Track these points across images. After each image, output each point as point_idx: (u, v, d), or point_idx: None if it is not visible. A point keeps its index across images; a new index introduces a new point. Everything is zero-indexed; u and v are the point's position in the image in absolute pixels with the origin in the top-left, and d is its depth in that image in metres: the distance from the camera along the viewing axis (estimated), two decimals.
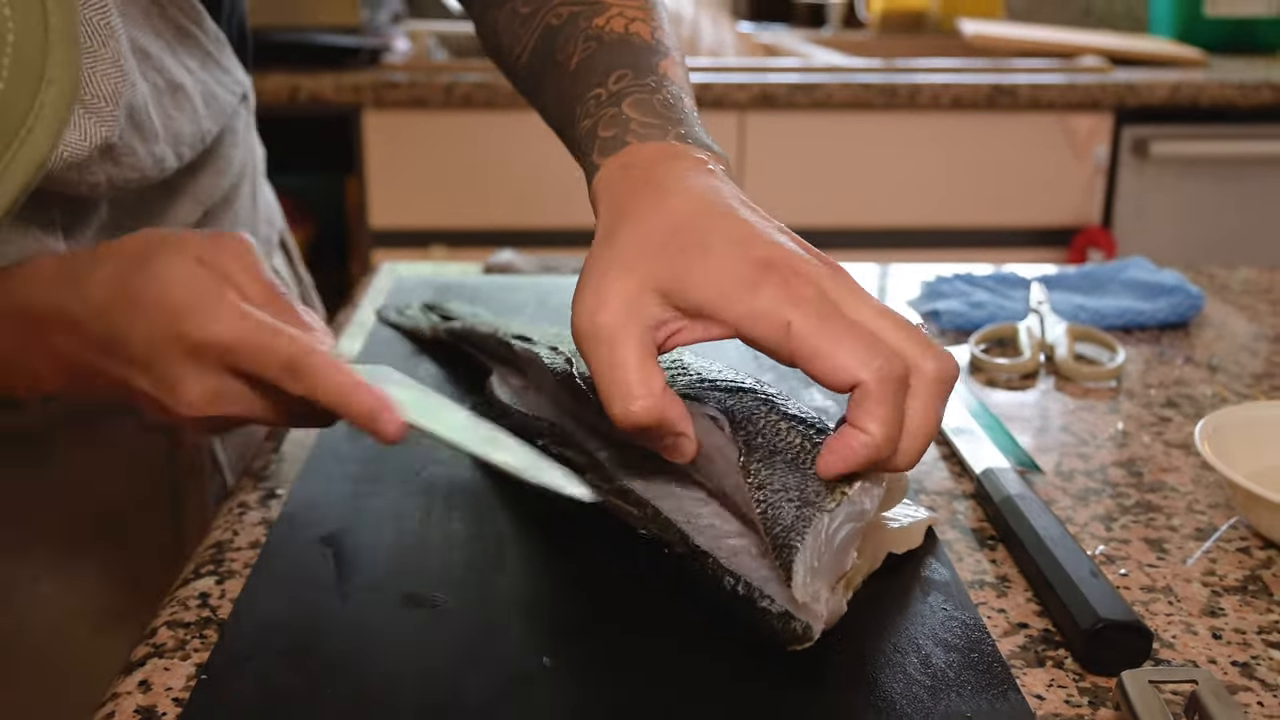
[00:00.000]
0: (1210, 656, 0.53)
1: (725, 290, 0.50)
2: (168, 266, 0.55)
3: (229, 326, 0.54)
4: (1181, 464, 0.71)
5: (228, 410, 0.56)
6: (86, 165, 0.63)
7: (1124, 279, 1.01)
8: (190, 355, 0.54)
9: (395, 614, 0.53)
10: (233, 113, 0.79)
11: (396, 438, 0.53)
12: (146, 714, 0.48)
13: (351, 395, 0.53)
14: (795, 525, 0.48)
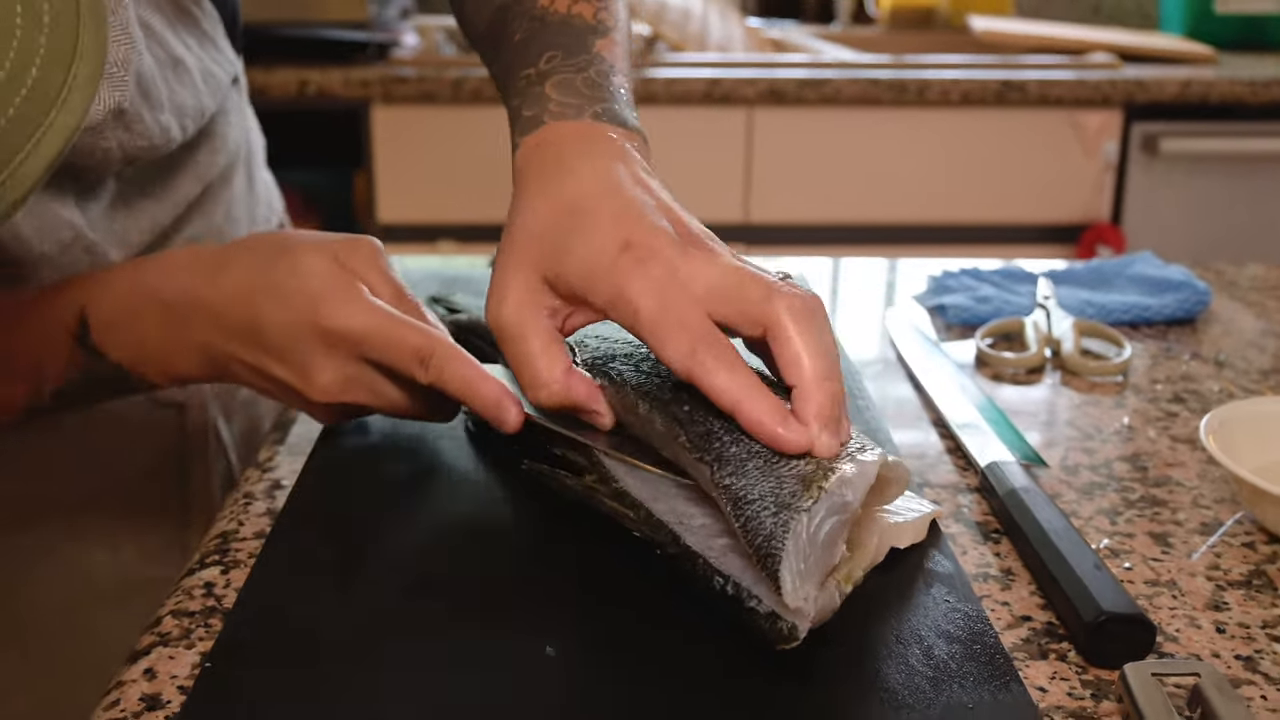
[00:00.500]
0: (1214, 650, 0.53)
1: (593, 274, 0.54)
2: (307, 260, 0.60)
3: (363, 318, 0.58)
4: (1187, 459, 0.71)
5: (357, 397, 0.61)
6: (100, 130, 0.65)
7: (1130, 274, 1.01)
8: (325, 343, 0.59)
9: (399, 604, 0.53)
10: (225, 93, 0.81)
11: (517, 426, 0.59)
12: (151, 702, 0.48)
13: (478, 385, 0.59)
14: (775, 533, 0.47)
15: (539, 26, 0.68)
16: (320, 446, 0.69)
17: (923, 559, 0.58)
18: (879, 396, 0.80)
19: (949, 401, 0.77)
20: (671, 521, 0.54)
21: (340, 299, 0.59)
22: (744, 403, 0.51)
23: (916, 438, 0.74)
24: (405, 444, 0.69)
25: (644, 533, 0.55)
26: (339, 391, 0.60)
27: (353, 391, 0.60)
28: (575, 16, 0.68)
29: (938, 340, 0.91)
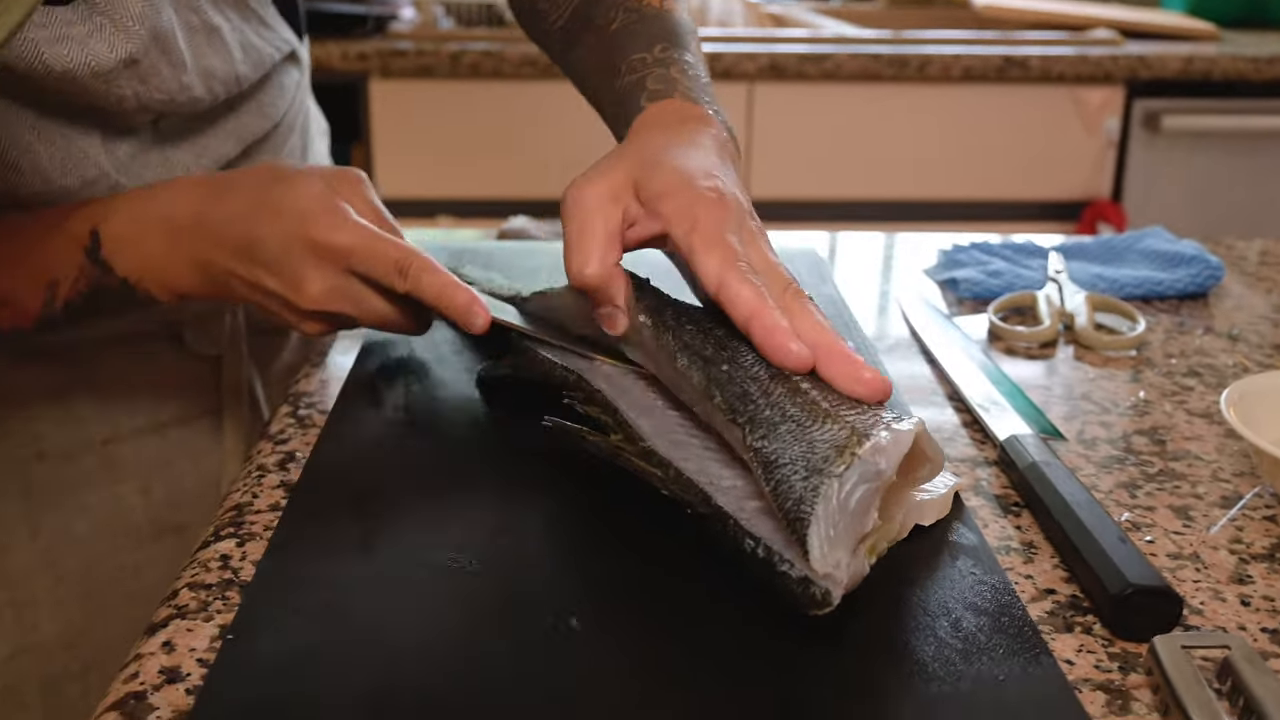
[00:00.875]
0: (1240, 623, 0.52)
1: (671, 188, 0.60)
2: (301, 183, 0.65)
3: (349, 233, 0.64)
4: (1205, 432, 0.71)
5: (342, 307, 0.66)
6: (113, 77, 0.68)
7: (1142, 249, 1.01)
8: (315, 255, 0.64)
9: (419, 575, 0.53)
10: (276, 67, 0.85)
11: (483, 328, 0.66)
12: (171, 674, 0.48)
13: (450, 292, 0.65)
14: (805, 496, 0.47)
15: (637, 18, 0.76)
16: (334, 416, 0.69)
17: (946, 532, 0.57)
18: (893, 372, 0.80)
19: (964, 376, 0.76)
20: (702, 481, 0.54)
21: (329, 217, 0.64)
22: (760, 314, 0.55)
23: (932, 412, 0.73)
24: (420, 413, 0.69)
25: (673, 492, 0.55)
26: (326, 300, 0.65)
27: (339, 301, 0.65)
28: (666, 12, 0.77)
29: (949, 314, 0.90)
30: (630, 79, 0.72)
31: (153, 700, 0.46)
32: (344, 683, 0.46)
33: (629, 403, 0.61)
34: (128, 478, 0.83)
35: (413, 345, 0.79)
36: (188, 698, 0.46)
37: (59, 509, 0.80)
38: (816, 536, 0.47)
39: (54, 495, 0.80)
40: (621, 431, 0.59)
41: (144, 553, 0.83)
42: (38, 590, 0.79)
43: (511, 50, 2.07)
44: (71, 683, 0.81)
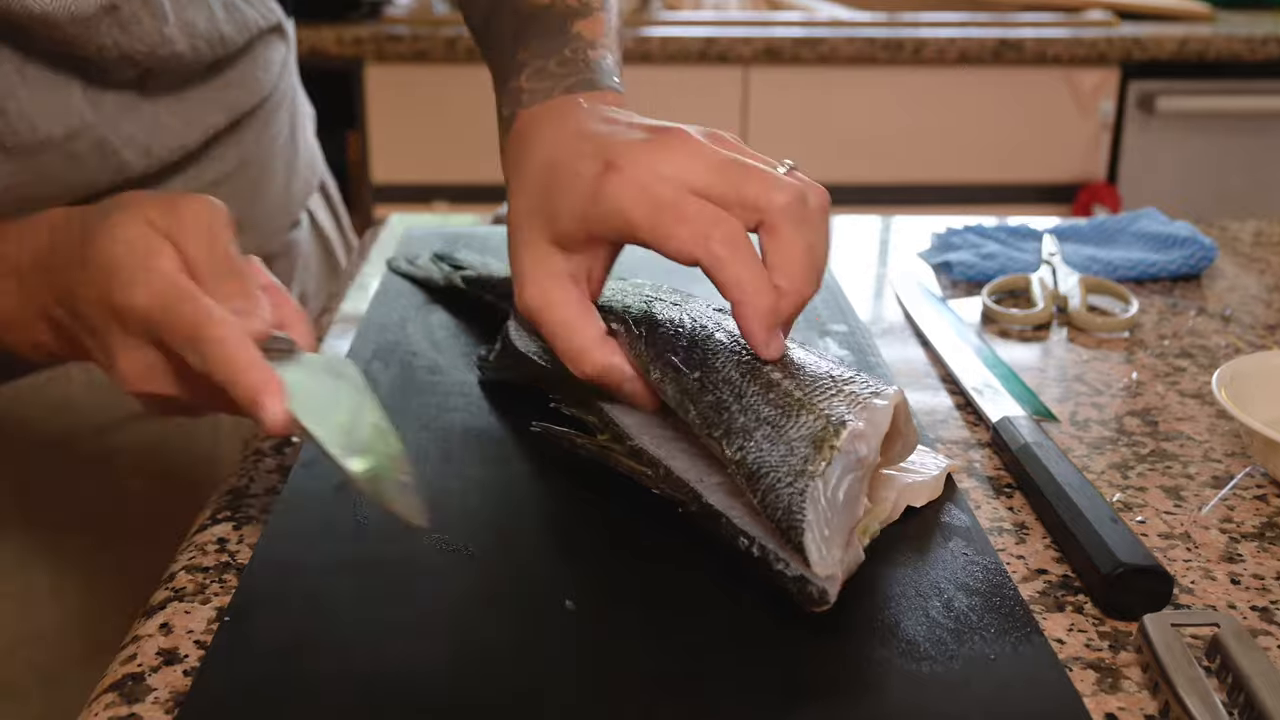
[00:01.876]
0: (1230, 601, 0.53)
1: (585, 209, 0.54)
2: (117, 225, 0.52)
3: (145, 291, 0.50)
4: (1197, 413, 0.71)
5: (162, 388, 0.52)
6: (94, 23, 0.65)
7: (1135, 230, 1.01)
8: (118, 321, 0.51)
9: (417, 558, 0.53)
10: (262, 38, 0.83)
11: (274, 428, 0.49)
12: (168, 656, 0.48)
13: (241, 373, 0.49)
14: (793, 504, 0.47)
15: (518, 21, 0.68)
16: None
17: (939, 513, 0.57)
18: (887, 355, 0.80)
19: (957, 358, 0.77)
20: (692, 479, 0.54)
21: (132, 271, 0.50)
22: (745, 304, 0.51)
23: (925, 395, 0.73)
24: (417, 403, 0.69)
25: (663, 490, 0.55)
26: (139, 380, 0.52)
27: (155, 380, 0.52)
28: (557, 3, 0.68)
29: (943, 297, 0.91)
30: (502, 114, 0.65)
31: (150, 682, 0.47)
32: (340, 664, 0.46)
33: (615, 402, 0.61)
34: (123, 464, 0.82)
35: (407, 329, 0.79)
36: (185, 679, 0.47)
37: (55, 498, 0.79)
38: (812, 541, 0.46)
39: (50, 484, 0.79)
40: (609, 431, 0.59)
41: (141, 539, 0.83)
42: (35, 580, 0.79)
43: None
44: (71, 672, 0.80)
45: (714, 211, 0.52)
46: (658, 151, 0.53)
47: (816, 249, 0.53)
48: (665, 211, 0.52)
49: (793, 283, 0.52)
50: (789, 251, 0.52)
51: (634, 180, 0.52)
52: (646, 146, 0.54)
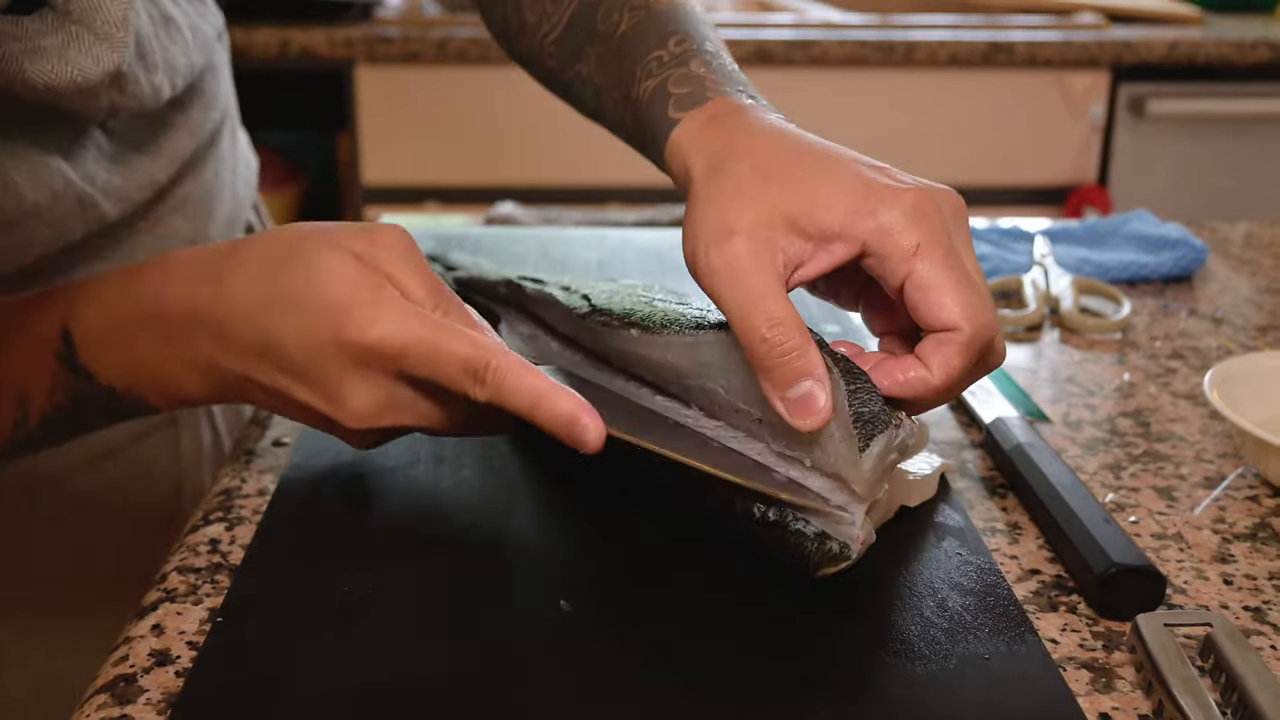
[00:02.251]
0: (1222, 602, 0.53)
1: (855, 206, 0.49)
2: (323, 262, 0.51)
3: (399, 328, 0.50)
4: (1189, 414, 0.71)
5: (398, 420, 0.52)
6: (95, 90, 0.61)
7: (1127, 232, 1.01)
8: (356, 362, 0.50)
9: (409, 559, 0.53)
10: (213, 49, 0.79)
11: (597, 446, 0.49)
12: (161, 657, 0.48)
13: (548, 400, 0.49)
14: (879, 417, 0.48)
15: (646, 15, 0.63)
16: None
17: (933, 513, 0.58)
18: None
19: None
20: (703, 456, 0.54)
21: (369, 308, 0.50)
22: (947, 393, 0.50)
23: None
24: None
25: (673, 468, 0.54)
26: (377, 415, 0.52)
27: (393, 414, 0.52)
28: (677, 3, 0.65)
29: None
30: (647, 85, 0.60)
31: (142, 683, 0.46)
32: (333, 666, 0.46)
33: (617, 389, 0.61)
34: (83, 510, 0.74)
35: None
36: (177, 680, 0.46)
37: (16, 558, 0.72)
38: (879, 443, 0.48)
39: (8, 544, 0.71)
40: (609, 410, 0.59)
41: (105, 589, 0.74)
42: (3, 649, 0.73)
43: None
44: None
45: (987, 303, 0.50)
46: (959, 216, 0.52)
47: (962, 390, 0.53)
48: (956, 268, 0.49)
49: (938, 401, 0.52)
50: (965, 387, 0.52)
51: (930, 214, 0.50)
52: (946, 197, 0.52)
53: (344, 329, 0.49)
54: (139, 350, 0.54)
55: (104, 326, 0.54)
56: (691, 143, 0.56)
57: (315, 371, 0.51)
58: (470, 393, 0.50)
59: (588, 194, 2.12)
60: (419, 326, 0.50)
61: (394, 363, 0.50)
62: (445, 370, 0.50)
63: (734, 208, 0.50)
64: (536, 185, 2.13)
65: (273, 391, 0.53)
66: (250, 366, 0.52)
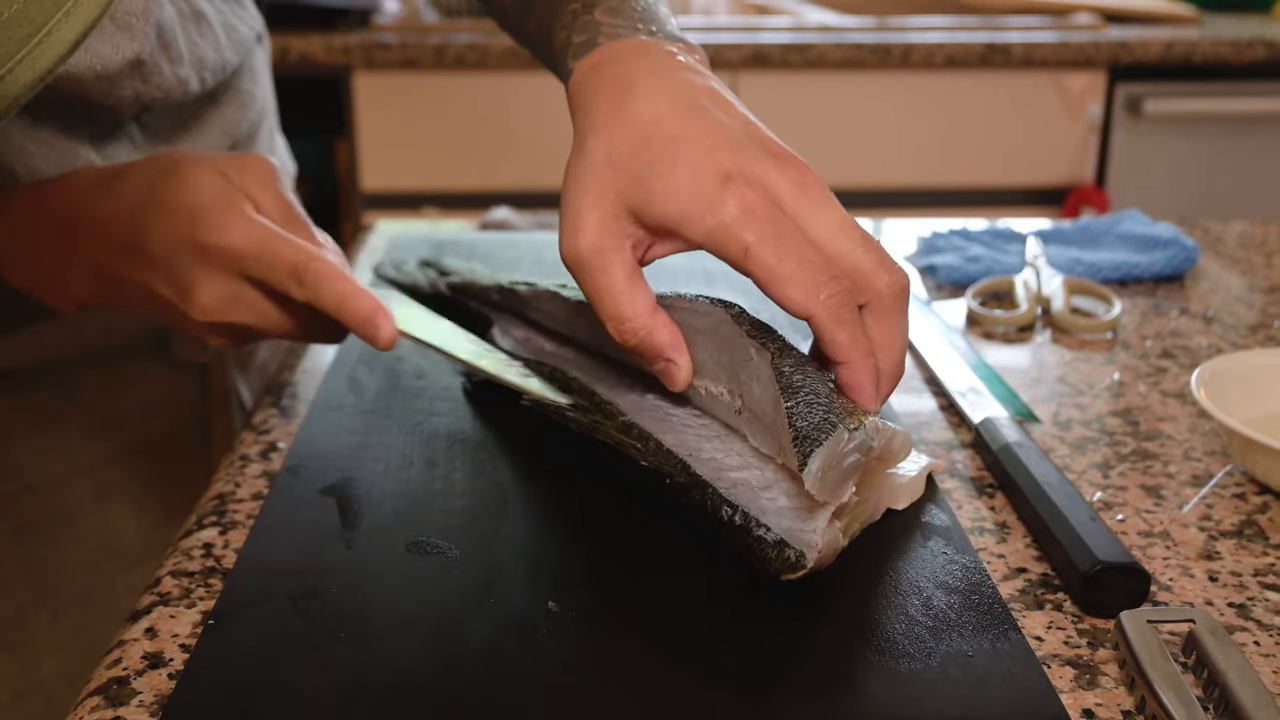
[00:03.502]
0: (1207, 598, 0.53)
1: (688, 208, 0.51)
2: (191, 175, 0.58)
3: (240, 233, 0.57)
4: (1178, 413, 0.72)
5: (239, 318, 0.59)
6: (116, 79, 0.65)
7: (1119, 232, 1.01)
8: (203, 259, 0.57)
9: (400, 562, 0.54)
10: (250, 50, 0.82)
11: (389, 343, 0.57)
12: (153, 660, 0.48)
13: (350, 300, 0.56)
14: (821, 425, 0.48)
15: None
16: (316, 405, 0.69)
17: (920, 513, 0.58)
18: None
19: (941, 360, 0.77)
20: (681, 453, 0.55)
21: (220, 215, 0.57)
22: (854, 364, 0.51)
23: (910, 397, 0.74)
24: (402, 408, 0.69)
25: (652, 463, 0.56)
26: (220, 310, 0.58)
27: (235, 311, 0.59)
28: None
29: (928, 300, 0.91)
30: (560, 38, 0.62)
31: (135, 685, 0.47)
32: (323, 667, 0.46)
33: (606, 387, 0.62)
34: (119, 500, 0.80)
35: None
36: (170, 683, 0.47)
37: (51, 542, 0.77)
38: (819, 459, 0.47)
39: (45, 528, 0.77)
40: (600, 411, 0.60)
41: (139, 573, 0.79)
42: (36, 629, 0.77)
43: (496, 42, 2.07)
44: None
45: (832, 272, 0.51)
46: (792, 192, 0.52)
47: (903, 335, 0.53)
48: (787, 257, 0.50)
49: (892, 366, 0.53)
50: (891, 336, 0.52)
51: (759, 211, 0.51)
52: (781, 171, 0.53)
53: (196, 230, 0.57)
54: (40, 253, 0.61)
55: (12, 233, 0.61)
56: (575, 98, 0.58)
57: (172, 266, 0.58)
58: (292, 292, 0.57)
59: None
60: (258, 233, 0.57)
61: (236, 263, 0.57)
62: (274, 271, 0.57)
63: (585, 200, 0.53)
64: (535, 190, 2.14)
65: (140, 287, 0.59)
66: (123, 264, 0.59)
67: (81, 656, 0.77)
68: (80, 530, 0.78)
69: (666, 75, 0.56)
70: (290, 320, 0.60)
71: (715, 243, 0.51)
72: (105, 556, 0.79)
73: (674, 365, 0.54)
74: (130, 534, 0.80)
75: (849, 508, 0.51)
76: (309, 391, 0.73)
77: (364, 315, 0.56)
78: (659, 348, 0.54)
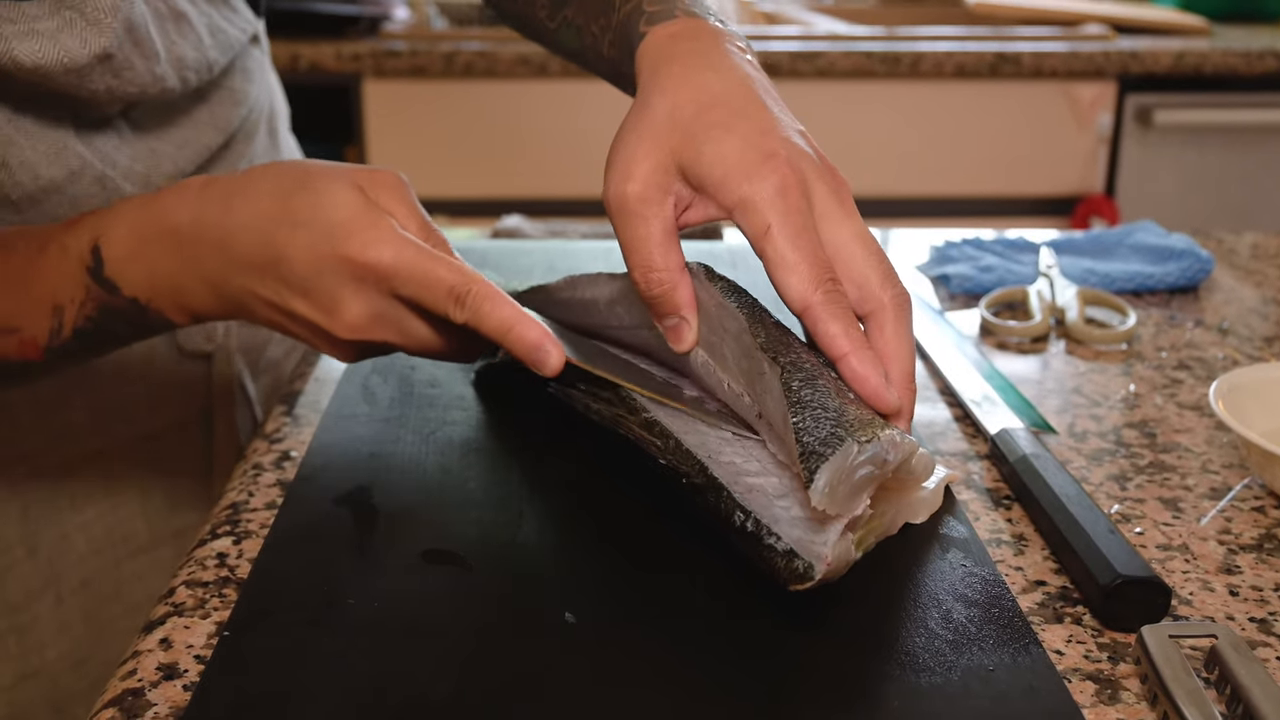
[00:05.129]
0: (1228, 613, 0.53)
1: (730, 173, 0.54)
2: (330, 189, 0.56)
3: (395, 250, 0.55)
4: (1194, 425, 0.71)
5: (384, 335, 0.58)
6: (86, 72, 0.66)
7: (1132, 243, 1.01)
8: (354, 276, 0.55)
9: (415, 572, 0.53)
10: (243, 50, 0.83)
11: (558, 370, 0.55)
12: (168, 671, 0.48)
13: (517, 327, 0.55)
14: (828, 440, 0.48)
15: None
16: (329, 415, 0.69)
17: (938, 525, 0.58)
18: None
19: (955, 370, 0.77)
20: (700, 454, 0.55)
21: (370, 231, 0.55)
22: (853, 355, 0.52)
23: (924, 408, 0.74)
24: (416, 416, 0.69)
25: (670, 461, 0.56)
26: (366, 328, 0.57)
27: (380, 329, 0.57)
28: None
29: (941, 310, 0.91)
30: (625, 9, 0.65)
31: (150, 697, 0.47)
32: (339, 678, 0.46)
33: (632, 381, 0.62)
34: (125, 487, 0.81)
35: None
36: (185, 694, 0.47)
37: (57, 526, 0.78)
38: (825, 474, 0.47)
39: (51, 512, 0.78)
40: (623, 406, 0.60)
41: (141, 561, 0.82)
42: (40, 612, 0.78)
43: (505, 50, 2.07)
44: (79, 703, 0.79)
45: (834, 276, 0.54)
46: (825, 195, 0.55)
47: (911, 345, 0.55)
48: (800, 248, 0.53)
49: (901, 376, 0.54)
50: (897, 345, 0.54)
51: (790, 198, 0.54)
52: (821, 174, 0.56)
53: (346, 246, 0.55)
54: (157, 264, 0.59)
55: (128, 242, 0.59)
56: (646, 59, 0.61)
57: (315, 284, 0.56)
58: (451, 314, 0.56)
59: (595, 207, 2.13)
60: (411, 251, 0.55)
61: (387, 281, 0.55)
62: (432, 292, 0.55)
63: (640, 149, 0.56)
64: (544, 198, 2.14)
65: (272, 304, 0.58)
66: (253, 280, 0.57)
67: (87, 641, 0.80)
68: (87, 515, 0.79)
69: (737, 60, 0.60)
70: (435, 338, 0.59)
71: (743, 213, 0.54)
72: (111, 542, 0.81)
73: (685, 324, 0.57)
74: (138, 521, 0.82)
75: (862, 520, 0.50)
76: (322, 400, 0.73)
77: (532, 342, 0.55)
78: (677, 304, 0.56)
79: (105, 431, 0.80)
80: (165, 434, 0.83)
